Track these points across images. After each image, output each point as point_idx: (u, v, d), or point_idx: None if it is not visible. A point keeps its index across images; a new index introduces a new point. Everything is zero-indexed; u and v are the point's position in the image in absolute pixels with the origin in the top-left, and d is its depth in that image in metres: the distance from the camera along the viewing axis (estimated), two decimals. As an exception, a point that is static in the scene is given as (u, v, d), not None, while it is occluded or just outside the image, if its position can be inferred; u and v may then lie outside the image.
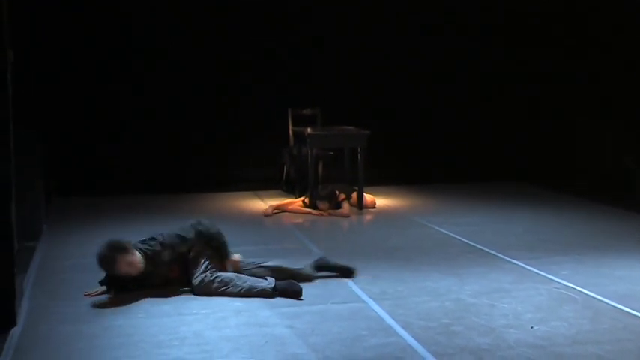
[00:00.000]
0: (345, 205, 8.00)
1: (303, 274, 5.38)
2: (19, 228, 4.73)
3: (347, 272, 5.53)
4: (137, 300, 4.96)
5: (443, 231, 7.15)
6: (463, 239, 6.78)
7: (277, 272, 5.31)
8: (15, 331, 4.41)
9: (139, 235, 5.38)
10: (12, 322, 4.47)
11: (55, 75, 8.86)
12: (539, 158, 10.03)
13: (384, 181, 9.44)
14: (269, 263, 5.42)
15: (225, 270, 5.24)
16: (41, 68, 8.60)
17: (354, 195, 8.20)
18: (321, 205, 8.00)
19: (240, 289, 5.04)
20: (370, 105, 9.63)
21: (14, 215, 4.52)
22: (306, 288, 5.25)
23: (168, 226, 7.40)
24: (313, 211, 7.98)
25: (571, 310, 4.81)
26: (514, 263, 5.95)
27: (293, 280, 5.14)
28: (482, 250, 6.40)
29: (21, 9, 6.56)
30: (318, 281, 5.43)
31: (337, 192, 8.07)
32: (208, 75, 9.42)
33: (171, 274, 5.24)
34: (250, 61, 9.51)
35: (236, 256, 5.41)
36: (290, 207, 8.12)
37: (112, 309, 4.80)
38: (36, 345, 4.24)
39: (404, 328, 4.47)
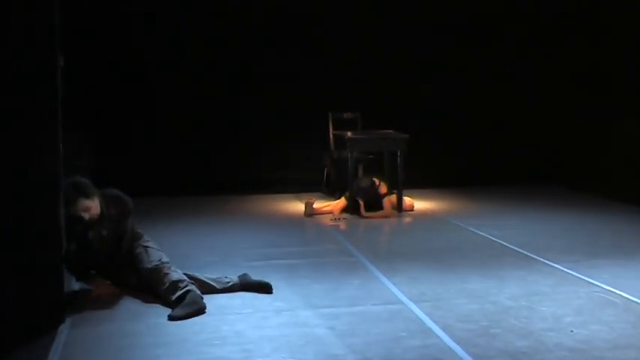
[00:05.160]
0: (387, 204, 8.03)
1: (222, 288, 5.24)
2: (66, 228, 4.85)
3: (264, 288, 5.26)
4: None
5: (481, 233, 7.15)
6: (501, 242, 6.77)
7: (200, 284, 5.15)
8: (63, 329, 4.53)
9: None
10: (60, 319, 4.59)
11: (102, 78, 9.03)
12: (574, 160, 9.92)
13: (421, 183, 9.43)
14: (197, 275, 5.22)
15: None
16: (88, 71, 8.80)
17: (394, 197, 8.22)
18: (363, 195, 8.00)
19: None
20: (409, 108, 9.63)
21: (62, 216, 4.64)
22: (347, 290, 5.30)
23: (213, 227, 7.56)
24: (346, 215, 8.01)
25: (612, 314, 4.79)
26: (553, 266, 5.93)
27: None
28: (521, 252, 6.39)
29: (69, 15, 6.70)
30: (357, 283, 5.47)
31: (377, 182, 8.09)
32: (253, 78, 9.51)
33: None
34: (294, 65, 9.55)
35: None
36: (331, 209, 8.14)
37: (156, 307, 4.89)
38: (82, 342, 4.34)
39: (443, 330, 4.49)
